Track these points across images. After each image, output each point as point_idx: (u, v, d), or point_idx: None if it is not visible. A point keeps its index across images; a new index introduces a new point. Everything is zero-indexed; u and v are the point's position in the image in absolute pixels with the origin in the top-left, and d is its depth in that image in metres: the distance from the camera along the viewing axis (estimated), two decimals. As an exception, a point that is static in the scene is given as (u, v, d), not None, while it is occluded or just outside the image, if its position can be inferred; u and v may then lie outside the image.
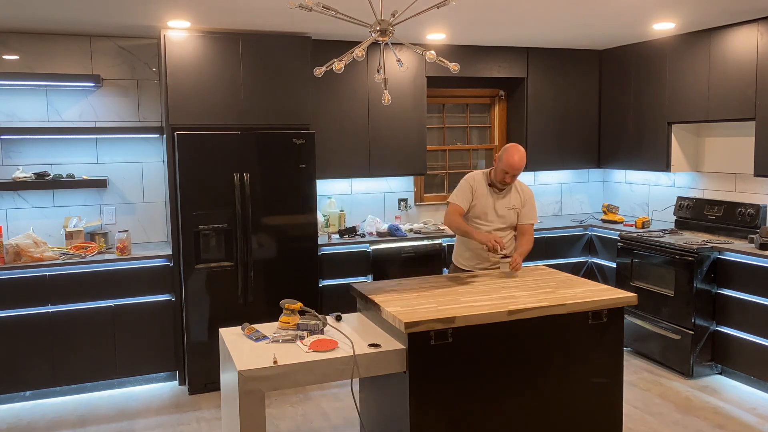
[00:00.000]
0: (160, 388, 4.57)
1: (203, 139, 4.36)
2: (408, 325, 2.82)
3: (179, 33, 4.37)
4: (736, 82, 4.57)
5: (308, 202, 4.63)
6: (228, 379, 2.96)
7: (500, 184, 3.81)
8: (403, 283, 3.55)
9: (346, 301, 3.86)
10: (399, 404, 2.98)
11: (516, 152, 3.72)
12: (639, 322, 4.94)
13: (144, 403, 4.34)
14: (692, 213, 5.15)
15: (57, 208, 4.71)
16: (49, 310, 4.24)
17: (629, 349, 5.06)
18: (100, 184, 4.64)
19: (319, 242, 4.76)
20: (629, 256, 5.04)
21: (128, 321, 4.42)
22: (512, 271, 3.65)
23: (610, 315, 3.21)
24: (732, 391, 4.35)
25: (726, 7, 4.09)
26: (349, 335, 2.99)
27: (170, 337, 4.53)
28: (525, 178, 6.09)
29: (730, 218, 4.81)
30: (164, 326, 4.51)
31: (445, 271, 5.12)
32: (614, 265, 5.27)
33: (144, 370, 4.52)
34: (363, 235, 5.08)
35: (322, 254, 4.79)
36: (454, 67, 3.10)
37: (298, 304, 3.11)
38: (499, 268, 3.73)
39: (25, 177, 4.44)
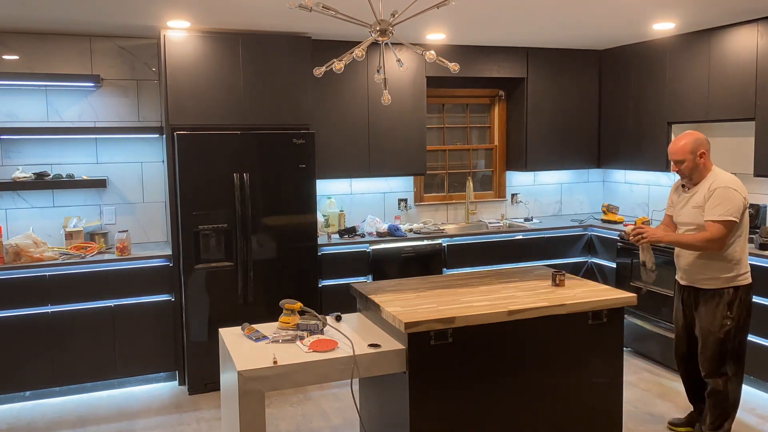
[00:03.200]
0: (160, 388, 4.57)
1: (203, 139, 4.36)
2: (408, 325, 2.82)
3: (179, 33, 4.37)
4: (736, 82, 4.57)
5: (308, 202, 4.63)
6: (228, 379, 2.96)
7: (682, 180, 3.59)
8: (403, 283, 3.55)
9: (346, 301, 3.86)
10: (399, 404, 2.97)
11: (678, 138, 3.53)
12: (639, 322, 4.94)
13: (144, 403, 4.34)
14: (692, 213, 5.14)
15: (57, 208, 4.71)
16: (49, 310, 4.24)
17: (629, 349, 5.06)
18: (99, 184, 4.64)
19: (319, 242, 4.76)
20: (629, 256, 5.03)
21: (128, 321, 4.42)
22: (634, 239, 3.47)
23: (610, 315, 3.22)
24: (732, 391, 4.35)
25: (726, 7, 4.09)
26: (349, 335, 2.99)
27: (170, 337, 4.53)
28: (526, 178, 6.10)
29: (730, 218, 4.79)
30: (164, 326, 4.51)
31: (445, 271, 5.12)
32: (614, 265, 5.27)
33: (144, 370, 4.52)
34: (363, 235, 5.07)
35: (322, 254, 4.79)
36: (454, 67, 3.10)
37: (298, 304, 3.11)
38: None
39: (25, 177, 4.44)
